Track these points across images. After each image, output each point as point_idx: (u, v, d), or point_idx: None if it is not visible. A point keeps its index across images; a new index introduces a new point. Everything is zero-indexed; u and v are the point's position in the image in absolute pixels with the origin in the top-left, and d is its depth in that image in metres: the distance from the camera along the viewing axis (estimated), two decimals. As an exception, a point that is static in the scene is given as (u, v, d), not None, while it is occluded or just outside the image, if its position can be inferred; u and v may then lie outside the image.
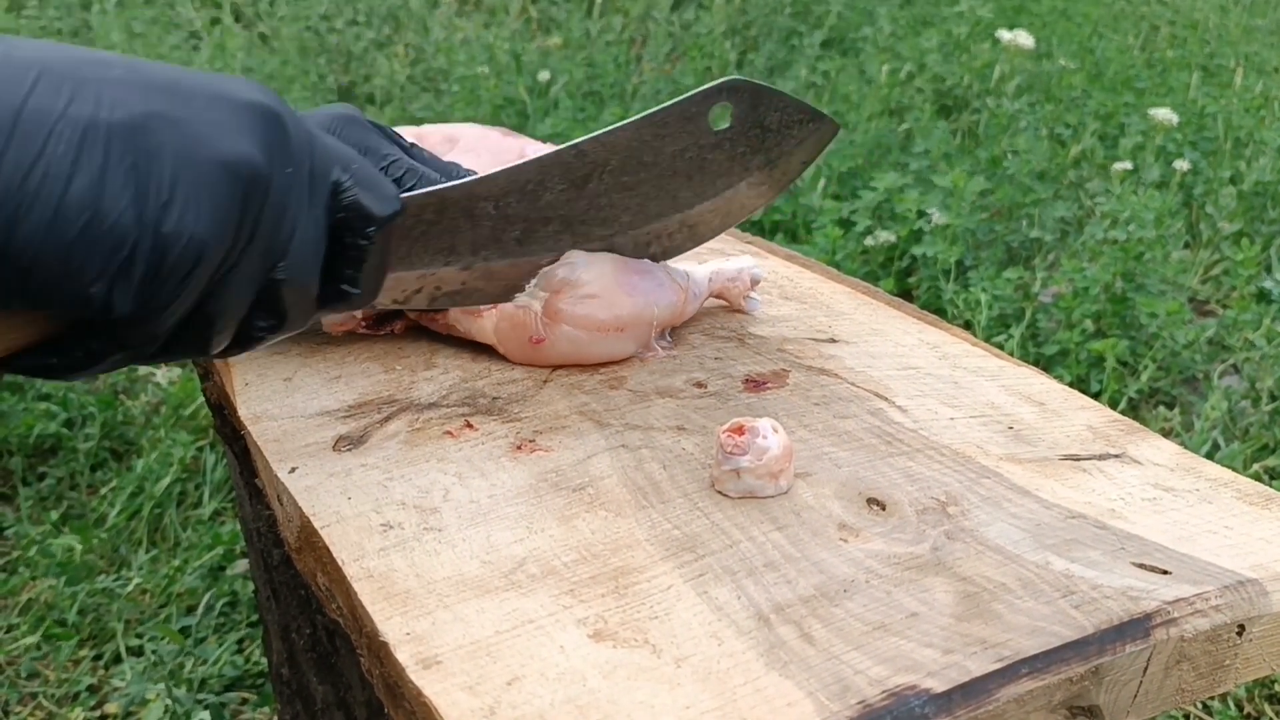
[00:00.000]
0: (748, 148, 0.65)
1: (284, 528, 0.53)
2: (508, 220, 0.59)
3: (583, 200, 0.61)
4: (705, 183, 0.65)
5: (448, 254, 0.58)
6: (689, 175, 0.64)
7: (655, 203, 0.64)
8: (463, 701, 0.39)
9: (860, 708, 0.39)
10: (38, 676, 1.28)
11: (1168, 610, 0.45)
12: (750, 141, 0.65)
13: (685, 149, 0.63)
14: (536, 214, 0.60)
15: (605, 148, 0.60)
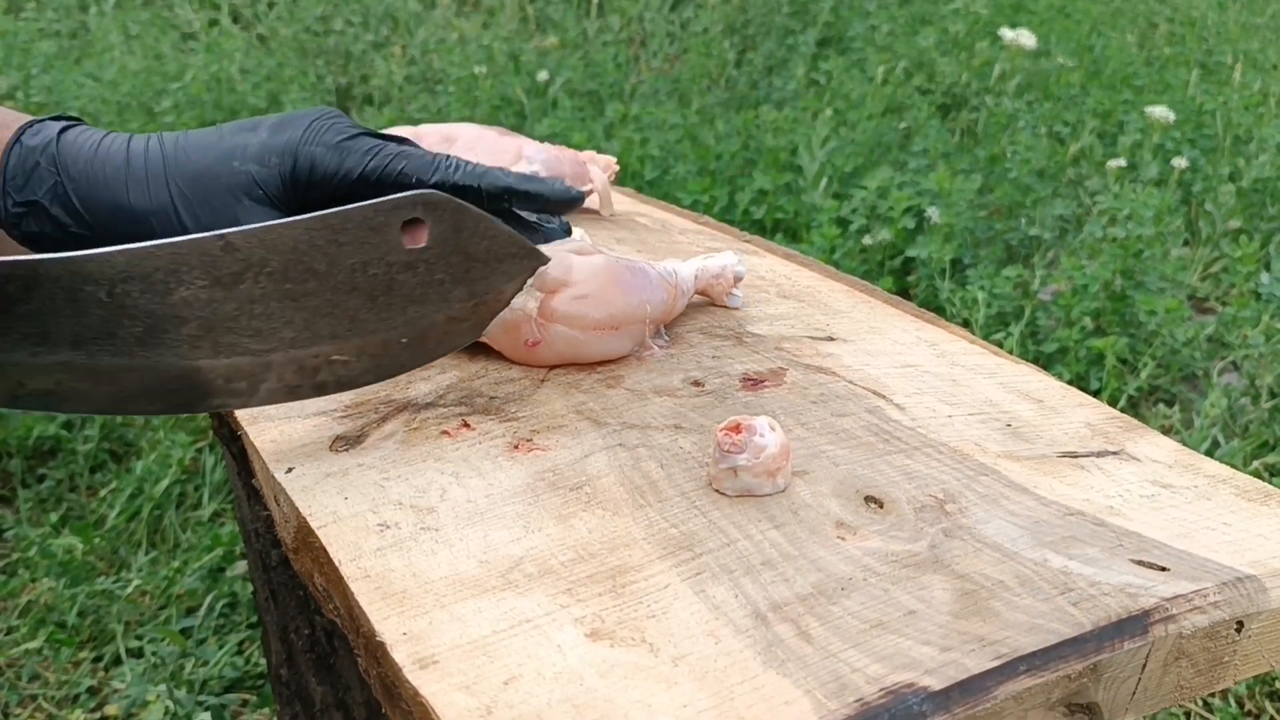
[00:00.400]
0: (447, 275, 0.56)
1: (281, 528, 0.53)
2: (125, 312, 0.49)
3: (231, 303, 0.51)
4: (393, 308, 0.55)
5: (37, 342, 0.48)
6: (373, 295, 0.54)
7: (327, 321, 0.53)
8: (460, 701, 0.39)
9: (858, 706, 0.39)
10: (38, 679, 1.28)
11: (1166, 607, 0.44)
12: (451, 269, 0.56)
13: (369, 263, 0.53)
14: (166, 310, 0.49)
15: (263, 245, 0.50)
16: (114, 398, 0.50)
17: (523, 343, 0.62)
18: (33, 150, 0.59)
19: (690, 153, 2.30)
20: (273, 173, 0.61)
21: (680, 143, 2.35)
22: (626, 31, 3.36)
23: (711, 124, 2.50)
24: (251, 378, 0.53)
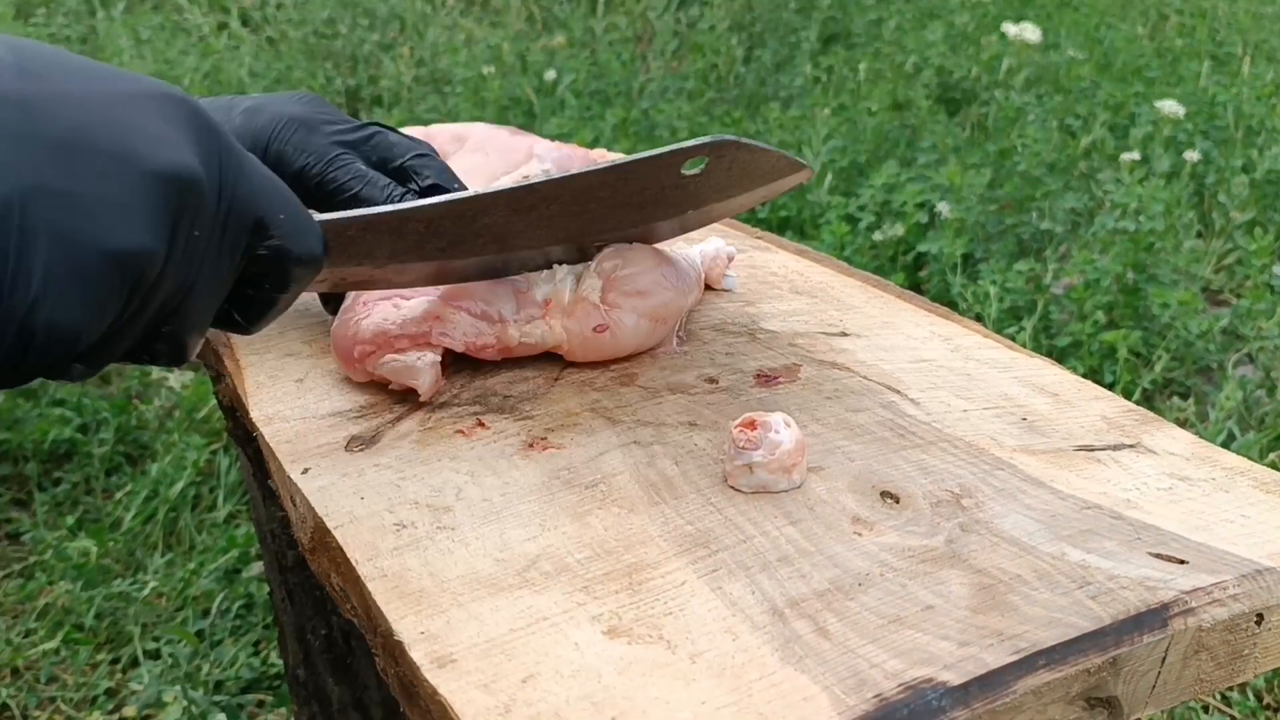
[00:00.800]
0: (712, 185, 0.63)
1: (297, 529, 0.53)
2: (436, 235, 0.57)
3: (520, 221, 0.59)
4: (656, 210, 0.63)
5: (362, 258, 0.56)
6: (641, 207, 0.62)
7: (600, 223, 0.62)
8: (478, 700, 0.39)
9: (876, 701, 0.39)
10: (56, 681, 1.29)
11: (1185, 600, 0.44)
12: (717, 183, 0.63)
13: (646, 188, 0.61)
14: (469, 231, 0.58)
15: (559, 186, 0.58)
16: (413, 280, 0.59)
17: (592, 329, 0.62)
18: None
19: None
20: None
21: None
22: (633, 30, 3.36)
23: (719, 122, 2.50)
24: (526, 262, 0.62)
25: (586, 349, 0.63)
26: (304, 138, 0.62)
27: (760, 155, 0.62)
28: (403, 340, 0.59)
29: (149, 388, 1.81)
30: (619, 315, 0.62)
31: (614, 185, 0.59)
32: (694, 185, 0.61)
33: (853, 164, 2.28)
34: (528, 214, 0.58)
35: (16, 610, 1.39)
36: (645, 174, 0.59)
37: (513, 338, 0.62)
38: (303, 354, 0.66)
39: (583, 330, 0.62)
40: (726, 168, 0.61)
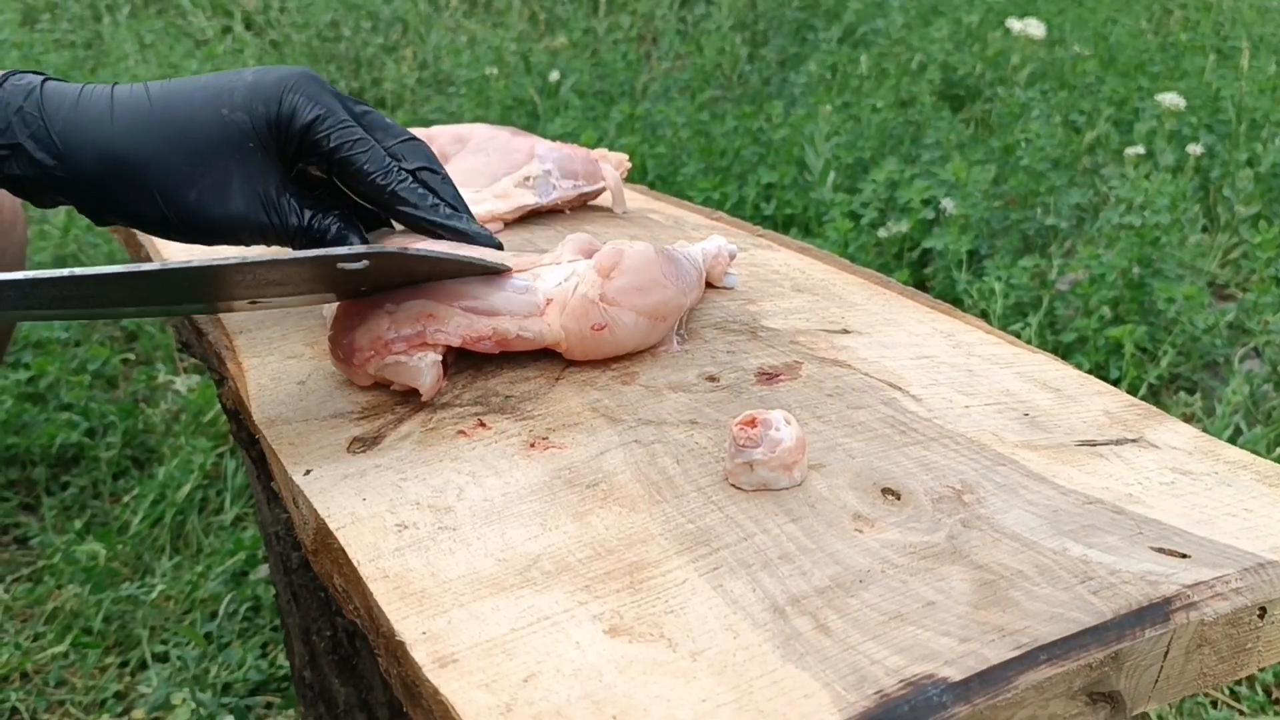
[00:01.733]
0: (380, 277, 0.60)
1: (300, 530, 0.53)
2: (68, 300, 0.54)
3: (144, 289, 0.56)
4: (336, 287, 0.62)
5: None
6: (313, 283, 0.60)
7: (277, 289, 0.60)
8: (480, 699, 0.39)
9: (878, 698, 0.39)
10: (65, 684, 1.29)
11: (1187, 594, 0.44)
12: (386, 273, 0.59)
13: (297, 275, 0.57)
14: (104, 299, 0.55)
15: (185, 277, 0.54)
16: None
17: (590, 328, 0.62)
18: (15, 94, 0.59)
19: (699, 150, 2.30)
20: (261, 122, 0.61)
21: (691, 140, 2.35)
22: (637, 29, 3.36)
23: (723, 121, 2.50)
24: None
25: (585, 347, 0.63)
26: (317, 91, 0.63)
27: (434, 264, 0.59)
28: (399, 342, 0.59)
29: (155, 392, 1.82)
30: (618, 313, 0.62)
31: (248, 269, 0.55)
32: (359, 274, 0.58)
33: (857, 161, 2.28)
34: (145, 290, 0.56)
35: (25, 614, 1.39)
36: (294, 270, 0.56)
37: (510, 331, 0.62)
38: (305, 356, 0.66)
39: (581, 328, 0.62)
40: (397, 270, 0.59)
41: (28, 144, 0.59)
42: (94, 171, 0.59)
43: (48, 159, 0.59)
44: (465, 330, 0.61)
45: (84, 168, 0.59)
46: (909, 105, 2.61)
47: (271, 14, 3.47)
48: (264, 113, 0.61)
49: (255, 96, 0.61)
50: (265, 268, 0.54)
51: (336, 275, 0.57)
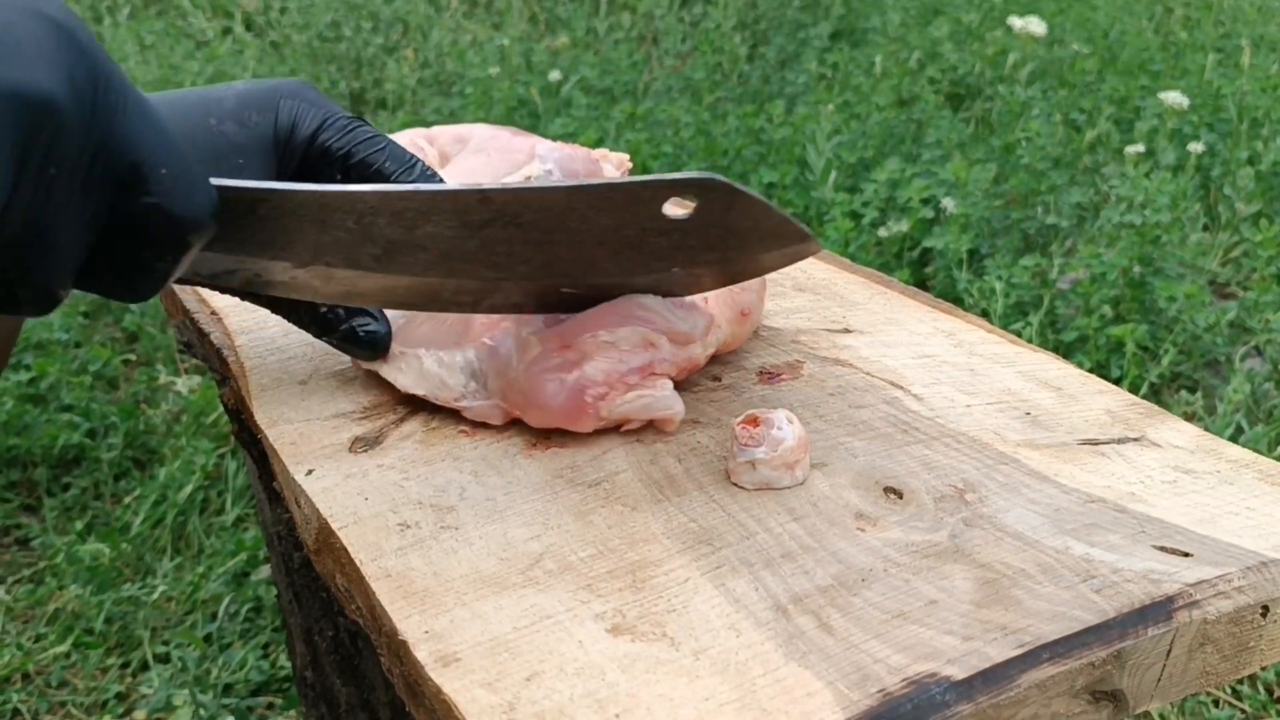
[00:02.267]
0: (701, 242, 0.54)
1: (302, 530, 0.53)
2: (369, 238, 0.50)
3: (473, 241, 0.51)
4: (637, 261, 0.54)
5: (278, 250, 0.49)
6: (619, 250, 0.53)
7: (566, 264, 0.54)
8: (482, 698, 0.39)
9: (880, 696, 0.39)
10: (66, 685, 1.29)
11: (1190, 593, 0.44)
12: (708, 238, 0.54)
13: (623, 225, 0.52)
14: (409, 239, 0.51)
15: (519, 201, 0.50)
16: (341, 294, 0.53)
17: (739, 314, 0.62)
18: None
19: (701, 149, 2.30)
20: (253, 134, 0.55)
21: (693, 139, 2.35)
22: (637, 29, 3.36)
23: (724, 120, 2.50)
24: (477, 294, 0.54)
25: (734, 341, 0.63)
26: (315, 97, 0.57)
27: (758, 209, 0.53)
28: (634, 374, 0.55)
29: (157, 393, 1.82)
30: (751, 297, 0.63)
31: (584, 213, 0.51)
32: (679, 235, 0.53)
33: (859, 160, 2.28)
34: (479, 232, 0.51)
35: (27, 615, 1.40)
36: (621, 204, 0.51)
37: (699, 355, 0.58)
38: (306, 356, 0.66)
39: (732, 319, 0.61)
40: (718, 218, 0.53)
41: None
42: None
43: None
44: (679, 362, 0.57)
45: None
46: (910, 104, 2.61)
47: (272, 15, 3.48)
48: (258, 122, 0.55)
49: (247, 105, 0.56)
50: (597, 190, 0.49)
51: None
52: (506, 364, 0.55)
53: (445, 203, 0.49)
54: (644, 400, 0.55)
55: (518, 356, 0.54)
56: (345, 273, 0.52)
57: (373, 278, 0.52)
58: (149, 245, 0.38)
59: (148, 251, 0.38)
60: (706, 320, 0.59)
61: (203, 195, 0.38)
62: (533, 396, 0.54)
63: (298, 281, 0.52)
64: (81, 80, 0.33)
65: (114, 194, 0.36)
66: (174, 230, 0.38)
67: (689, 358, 0.58)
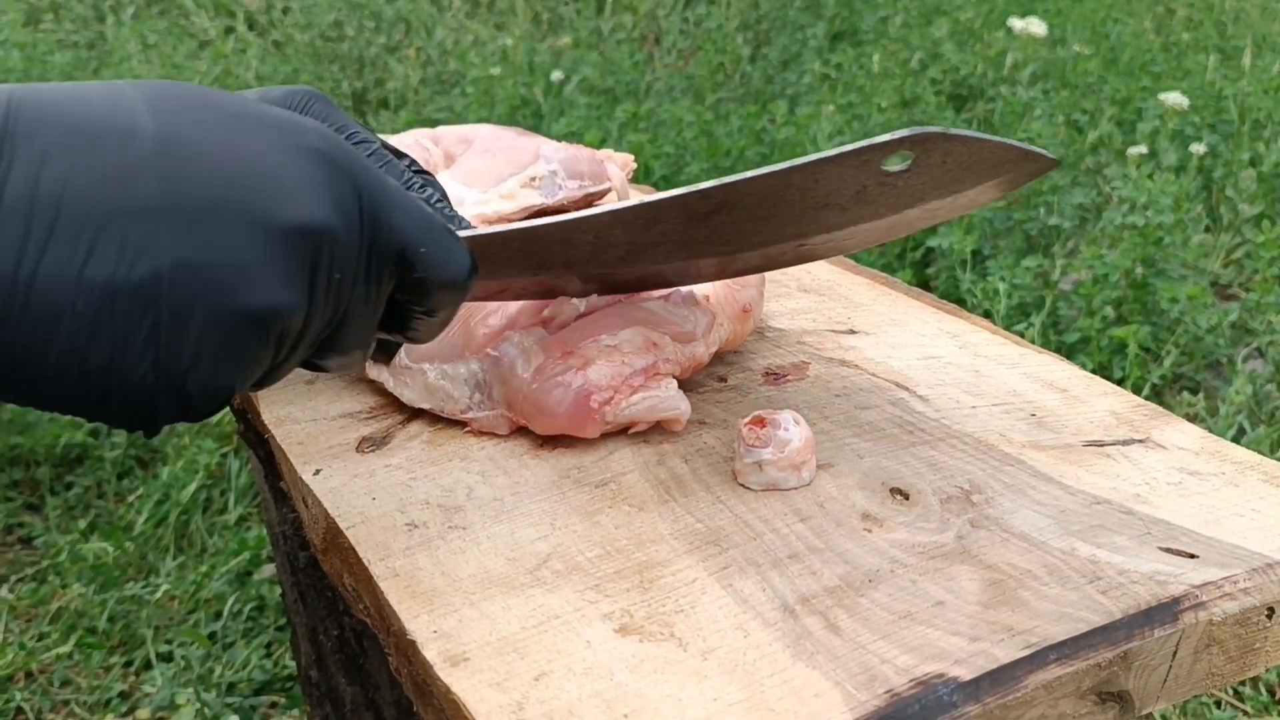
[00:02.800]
0: (928, 184, 0.55)
1: (310, 529, 0.54)
2: (608, 244, 0.54)
3: (703, 230, 0.54)
4: (864, 211, 0.56)
5: (536, 269, 0.53)
6: (844, 207, 0.55)
7: (795, 227, 0.56)
8: (491, 698, 0.39)
9: (888, 697, 0.39)
10: (70, 684, 1.30)
11: (1196, 594, 0.44)
12: (934, 180, 0.55)
13: (843, 187, 0.53)
14: (645, 240, 0.54)
15: (736, 191, 0.52)
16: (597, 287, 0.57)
17: (740, 311, 0.62)
18: None
19: (703, 149, 2.30)
20: None
21: (696, 139, 2.35)
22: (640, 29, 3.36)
23: (726, 120, 2.50)
24: (721, 265, 0.57)
25: (736, 340, 0.63)
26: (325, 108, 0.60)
27: (979, 147, 0.53)
28: (638, 376, 0.55)
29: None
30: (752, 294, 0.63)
31: (803, 187, 0.53)
32: (902, 183, 0.54)
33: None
34: (706, 222, 0.54)
35: (30, 614, 1.40)
36: (837, 174, 0.53)
37: (702, 353, 0.59)
38: (313, 356, 0.66)
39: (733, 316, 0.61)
40: (940, 163, 0.53)
41: None
42: None
43: None
44: (683, 361, 0.58)
45: None
46: (912, 105, 2.61)
47: (274, 14, 3.48)
48: None
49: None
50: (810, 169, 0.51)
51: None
52: (510, 374, 0.55)
53: (668, 206, 0.52)
54: (649, 402, 0.55)
55: (521, 366, 0.55)
56: (598, 271, 0.56)
57: (624, 270, 0.56)
58: (425, 306, 0.44)
59: (424, 311, 0.44)
60: (708, 318, 0.59)
61: (459, 258, 0.44)
62: (538, 404, 0.54)
63: (559, 287, 0.57)
64: (347, 200, 0.39)
65: (391, 277, 0.42)
66: (442, 291, 0.44)
67: (693, 356, 0.58)
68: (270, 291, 0.36)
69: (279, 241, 0.36)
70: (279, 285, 0.36)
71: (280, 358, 0.39)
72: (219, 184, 0.36)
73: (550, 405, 0.54)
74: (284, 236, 0.36)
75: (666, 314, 0.58)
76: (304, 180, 0.37)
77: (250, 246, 0.36)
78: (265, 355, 0.37)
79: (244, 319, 0.36)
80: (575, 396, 0.54)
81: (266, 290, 0.36)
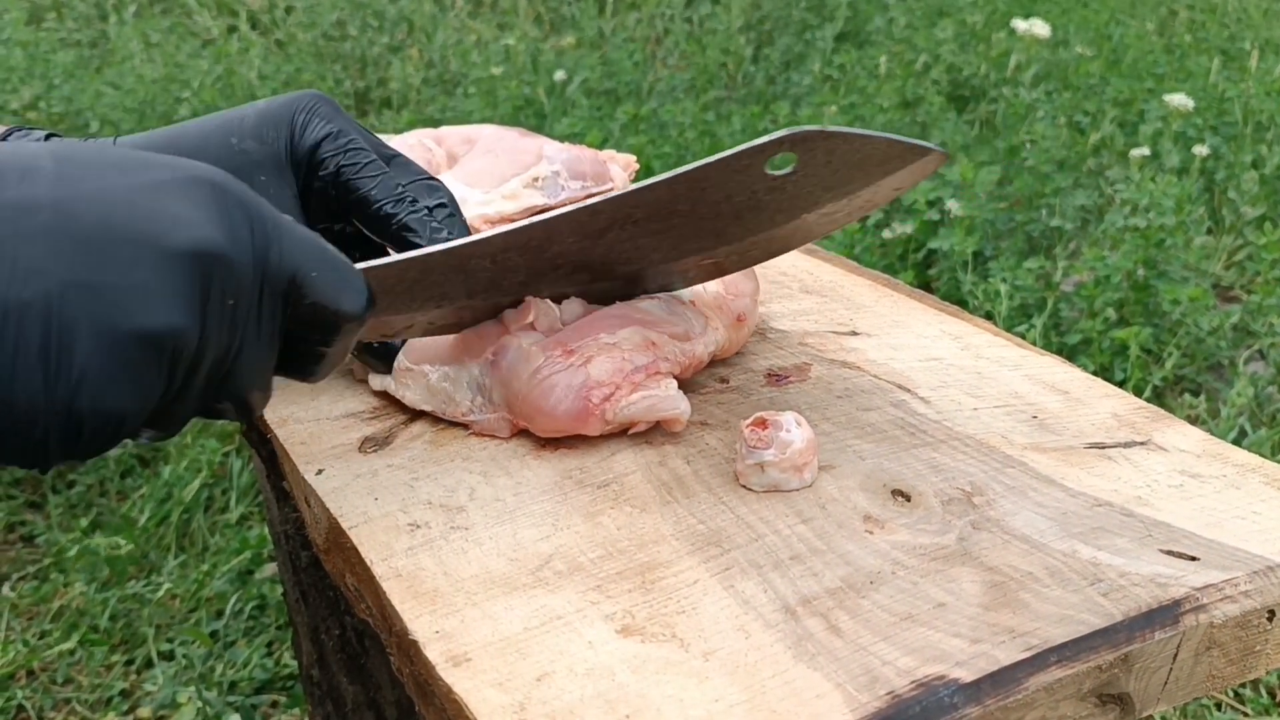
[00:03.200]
0: (819, 185, 0.55)
1: (312, 529, 0.54)
2: (508, 270, 0.53)
3: (599, 248, 0.54)
4: (760, 218, 0.56)
5: (438, 300, 0.53)
6: (738, 215, 0.55)
7: (693, 241, 0.56)
8: (493, 698, 0.39)
9: (889, 698, 0.39)
10: (71, 682, 1.30)
11: (1197, 597, 0.44)
12: (822, 180, 0.55)
13: (733, 194, 0.54)
14: (543, 263, 0.54)
15: (626, 204, 0.53)
16: (488, 314, 0.57)
17: (735, 320, 0.62)
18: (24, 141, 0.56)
19: (705, 150, 2.30)
20: (270, 151, 0.57)
21: (698, 140, 2.35)
22: (643, 30, 3.36)
23: (728, 121, 2.50)
24: (629, 284, 0.58)
25: (730, 347, 0.63)
26: (330, 111, 0.59)
27: (862, 144, 0.53)
28: (638, 374, 0.55)
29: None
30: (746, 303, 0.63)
31: (692, 198, 0.53)
32: (793, 186, 0.54)
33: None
34: (601, 239, 0.54)
35: (32, 612, 1.40)
36: (724, 178, 0.52)
37: (700, 353, 0.59)
38: (316, 356, 0.66)
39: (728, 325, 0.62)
40: (824, 162, 0.53)
41: None
42: None
43: None
44: (681, 360, 0.58)
45: None
46: (914, 106, 2.61)
47: (277, 13, 3.48)
48: (274, 138, 0.57)
49: (265, 122, 0.57)
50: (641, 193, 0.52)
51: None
52: (510, 375, 0.55)
53: (561, 224, 0.52)
54: (649, 401, 0.55)
55: (521, 368, 0.55)
56: (504, 300, 0.56)
57: (520, 298, 0.57)
58: (320, 337, 0.44)
59: (320, 342, 0.44)
60: (702, 318, 0.60)
61: (355, 286, 0.44)
62: (539, 403, 0.54)
63: (467, 319, 0.56)
64: (239, 226, 0.39)
65: (284, 305, 0.42)
66: (337, 319, 0.43)
67: (691, 354, 0.58)
68: (161, 313, 0.36)
69: (171, 264, 0.37)
70: (170, 307, 0.37)
71: (175, 385, 0.38)
72: (112, 210, 0.37)
73: (551, 403, 0.54)
74: (176, 259, 0.37)
75: (663, 314, 0.58)
76: (195, 206, 0.38)
77: (142, 268, 0.36)
78: (158, 380, 0.37)
79: (134, 338, 0.36)
80: (576, 394, 0.54)
81: (158, 311, 0.36)
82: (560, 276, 0.55)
